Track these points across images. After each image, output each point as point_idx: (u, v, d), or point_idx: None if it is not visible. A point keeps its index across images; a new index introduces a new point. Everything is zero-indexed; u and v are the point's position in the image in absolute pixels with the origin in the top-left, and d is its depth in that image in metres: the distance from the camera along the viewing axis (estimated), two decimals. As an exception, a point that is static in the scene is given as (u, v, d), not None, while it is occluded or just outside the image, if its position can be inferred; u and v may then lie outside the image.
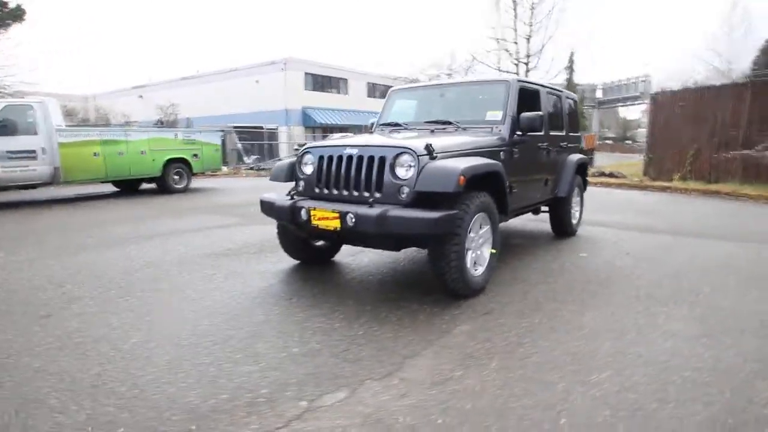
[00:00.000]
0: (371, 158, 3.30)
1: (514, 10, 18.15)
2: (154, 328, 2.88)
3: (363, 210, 3.07)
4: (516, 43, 18.14)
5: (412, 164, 3.15)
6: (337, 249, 4.56)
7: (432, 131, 4.20)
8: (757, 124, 11.21)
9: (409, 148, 3.20)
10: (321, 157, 3.55)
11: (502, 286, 3.72)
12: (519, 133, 4.18)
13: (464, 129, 4.19)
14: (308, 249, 4.28)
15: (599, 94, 35.90)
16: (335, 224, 3.19)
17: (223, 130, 14.87)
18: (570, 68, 27.07)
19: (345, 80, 33.20)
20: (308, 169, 3.68)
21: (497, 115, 4.21)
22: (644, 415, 1.95)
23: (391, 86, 5.71)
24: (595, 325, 2.94)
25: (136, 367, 2.36)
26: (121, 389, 2.15)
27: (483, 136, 4.03)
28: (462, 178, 3.04)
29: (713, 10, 58.91)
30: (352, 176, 3.36)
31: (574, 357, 2.50)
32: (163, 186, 10.95)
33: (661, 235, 5.93)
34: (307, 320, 3.00)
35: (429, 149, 3.20)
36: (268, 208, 3.75)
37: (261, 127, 23.29)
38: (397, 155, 3.22)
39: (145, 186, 11.56)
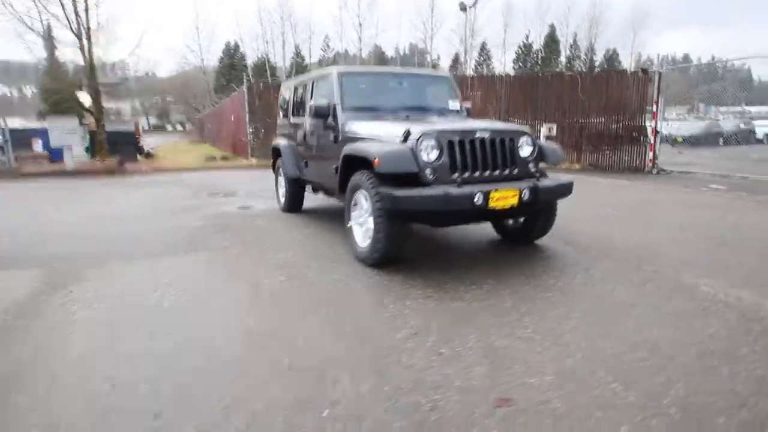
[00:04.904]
0: (502, 140, 3.71)
1: None
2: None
3: (543, 183, 3.65)
4: (77, 14, 15.85)
5: (531, 143, 3.87)
6: None
7: (420, 117, 4.47)
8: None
9: (526, 132, 3.91)
10: (450, 142, 3.56)
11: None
12: None
13: (450, 117, 4.69)
14: None
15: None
16: (513, 201, 3.45)
17: None
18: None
19: None
20: (432, 155, 3.50)
21: (456, 104, 4.99)
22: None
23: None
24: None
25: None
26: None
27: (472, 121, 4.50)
28: None
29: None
30: (489, 156, 3.65)
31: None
32: None
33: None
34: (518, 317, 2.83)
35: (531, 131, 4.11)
36: (435, 200, 3.29)
37: None
38: (520, 136, 3.83)
39: None
